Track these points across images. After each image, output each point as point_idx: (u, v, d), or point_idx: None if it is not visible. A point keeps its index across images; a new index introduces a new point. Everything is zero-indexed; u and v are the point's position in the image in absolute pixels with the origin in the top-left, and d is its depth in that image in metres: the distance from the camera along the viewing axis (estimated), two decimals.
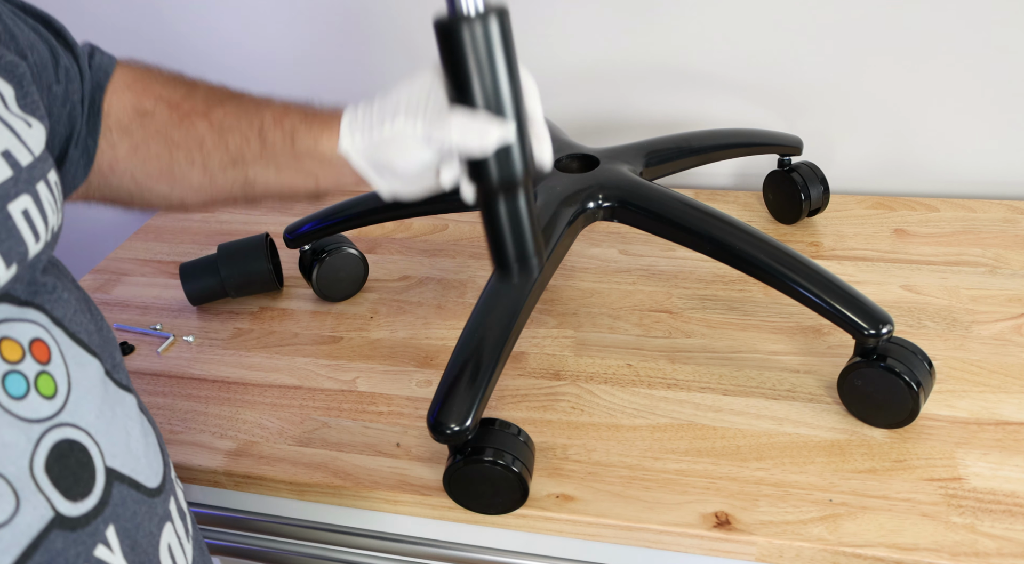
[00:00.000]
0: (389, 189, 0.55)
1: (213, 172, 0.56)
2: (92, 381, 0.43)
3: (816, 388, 0.72)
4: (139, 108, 0.56)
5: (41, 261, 0.40)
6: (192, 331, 0.87)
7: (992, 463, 0.64)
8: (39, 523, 0.36)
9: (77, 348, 0.42)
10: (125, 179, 0.57)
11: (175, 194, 0.58)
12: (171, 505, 0.47)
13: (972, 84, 0.94)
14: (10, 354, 0.37)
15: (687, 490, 0.64)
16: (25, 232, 0.38)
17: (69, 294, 0.44)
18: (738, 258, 0.70)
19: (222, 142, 0.55)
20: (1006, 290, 0.82)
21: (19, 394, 0.37)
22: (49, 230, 0.40)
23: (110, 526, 0.40)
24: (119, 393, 0.45)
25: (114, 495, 0.41)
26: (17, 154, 0.38)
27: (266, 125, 0.55)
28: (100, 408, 0.42)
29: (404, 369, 0.79)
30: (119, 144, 0.56)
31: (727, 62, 0.99)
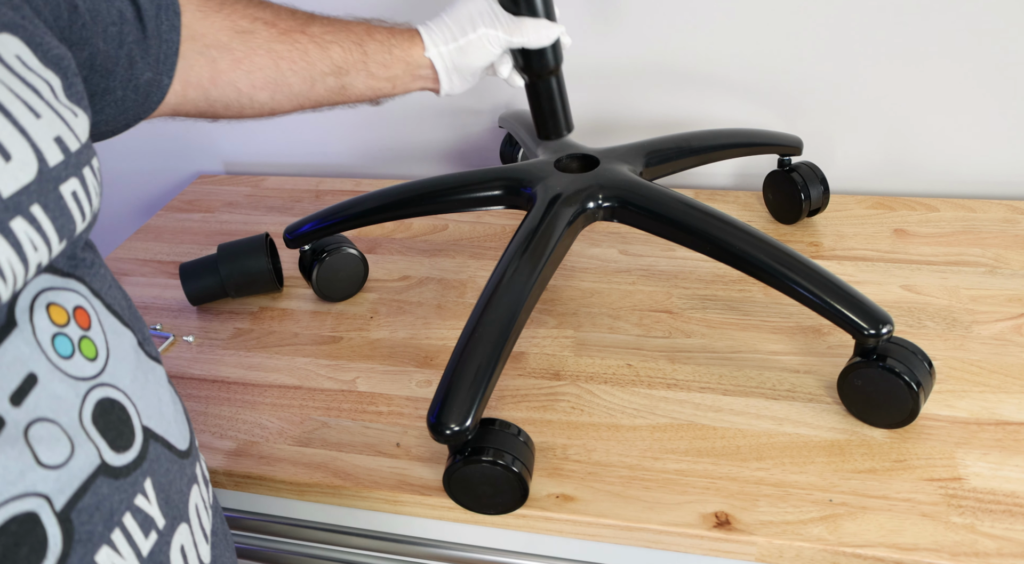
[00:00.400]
0: (448, 88, 0.72)
1: (314, 80, 0.67)
2: (126, 349, 0.46)
3: (816, 388, 0.72)
4: (237, 27, 0.64)
5: (83, 239, 0.44)
6: (192, 331, 0.87)
7: (992, 463, 0.64)
8: (88, 468, 0.39)
9: (113, 319, 0.46)
10: (228, 90, 0.64)
11: (274, 101, 0.67)
12: (197, 470, 0.50)
13: (972, 84, 0.94)
14: (57, 318, 0.41)
15: (687, 490, 0.64)
16: (74, 211, 0.41)
17: (105, 270, 0.47)
18: (738, 258, 0.70)
19: (326, 53, 0.66)
20: (1006, 290, 0.82)
21: (66, 354, 0.41)
22: (92, 211, 0.44)
23: (148, 479, 0.44)
24: (150, 363, 0.48)
25: (151, 451, 0.44)
26: (67, 140, 0.42)
27: (362, 37, 0.68)
28: (134, 373, 0.46)
29: (404, 369, 0.79)
30: (219, 59, 0.63)
31: (727, 62, 0.99)
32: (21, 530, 0.35)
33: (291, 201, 1.12)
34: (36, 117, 0.40)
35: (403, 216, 0.89)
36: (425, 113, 1.12)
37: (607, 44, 1.00)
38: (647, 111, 1.04)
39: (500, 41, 0.69)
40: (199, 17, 0.62)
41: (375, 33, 0.69)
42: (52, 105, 0.42)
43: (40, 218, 0.38)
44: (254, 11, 0.65)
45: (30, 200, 0.38)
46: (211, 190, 1.17)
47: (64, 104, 0.43)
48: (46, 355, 0.39)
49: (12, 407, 0.36)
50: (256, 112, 0.68)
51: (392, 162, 1.17)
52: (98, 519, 0.39)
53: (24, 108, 0.39)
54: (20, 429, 0.36)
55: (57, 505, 0.37)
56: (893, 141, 1.00)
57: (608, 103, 1.05)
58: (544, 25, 0.70)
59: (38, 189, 0.39)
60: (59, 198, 0.40)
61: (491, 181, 0.81)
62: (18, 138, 0.38)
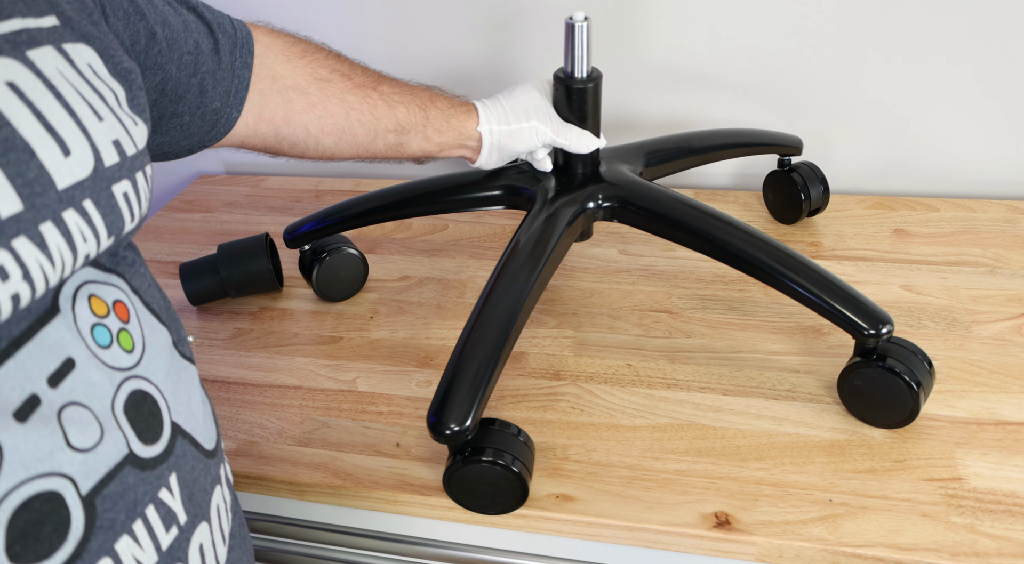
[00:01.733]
0: (485, 162, 0.77)
1: (377, 134, 0.72)
2: (162, 346, 0.47)
3: (816, 388, 0.72)
4: (316, 75, 0.68)
5: (127, 239, 0.46)
6: (192, 331, 0.87)
7: (992, 463, 0.64)
8: (116, 456, 0.40)
9: (150, 316, 0.47)
10: (298, 130, 0.69)
11: (337, 147, 0.71)
12: (221, 471, 0.50)
13: (972, 84, 0.94)
14: (98, 309, 0.42)
15: (687, 490, 0.64)
16: (124, 210, 0.43)
17: (145, 270, 0.49)
18: (738, 258, 0.70)
19: (392, 112, 0.71)
20: (1006, 290, 0.82)
21: (105, 343, 0.42)
22: (140, 213, 0.45)
23: (173, 474, 0.44)
24: (183, 362, 0.49)
25: (177, 447, 0.45)
26: (125, 145, 0.44)
27: (426, 103, 0.73)
28: (168, 370, 0.47)
29: (404, 369, 0.79)
30: (296, 101, 0.67)
31: (727, 62, 0.99)
32: (45, 508, 0.36)
33: (291, 201, 1.12)
34: (99, 120, 0.42)
35: (403, 216, 0.89)
36: None
37: (607, 44, 1.00)
38: (647, 111, 1.04)
39: (546, 137, 0.74)
40: (282, 60, 0.67)
41: (437, 101, 0.73)
42: (115, 111, 0.44)
43: (91, 212, 0.40)
44: (334, 63, 0.70)
45: (83, 195, 0.40)
46: (211, 190, 1.17)
47: (126, 112, 0.46)
48: (85, 342, 0.40)
49: (49, 388, 0.38)
50: (319, 155, 0.72)
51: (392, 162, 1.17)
52: (121, 508, 0.40)
53: (88, 110, 0.42)
54: (55, 410, 0.37)
55: (83, 489, 0.38)
56: (893, 141, 1.00)
57: (608, 103, 1.05)
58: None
59: (92, 186, 0.41)
60: (111, 196, 0.42)
61: (491, 181, 0.81)
62: (79, 136, 0.40)
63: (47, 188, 0.38)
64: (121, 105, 0.46)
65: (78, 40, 0.44)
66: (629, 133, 1.06)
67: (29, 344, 0.37)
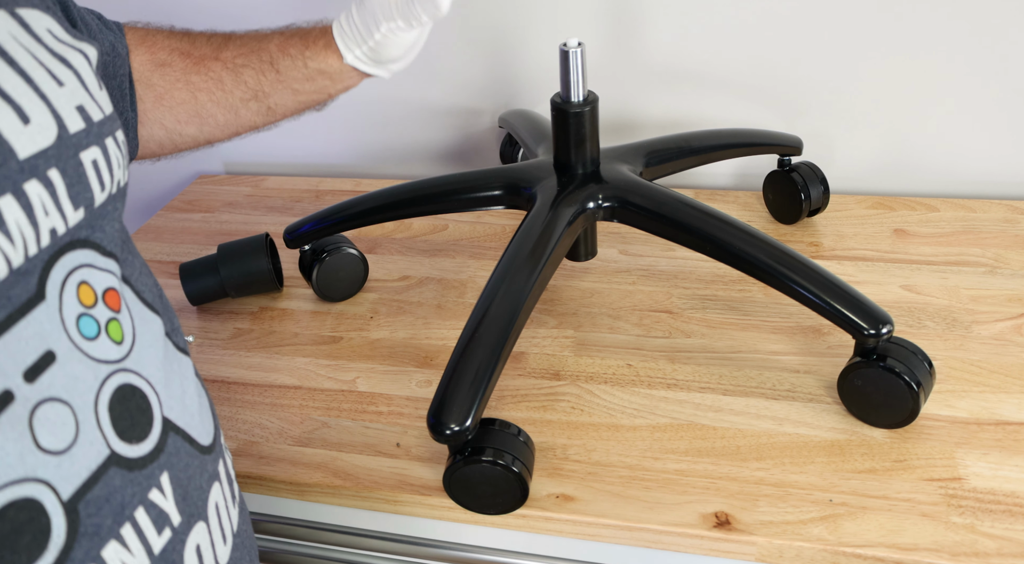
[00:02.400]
0: (390, 73, 0.67)
1: (236, 108, 0.65)
2: (155, 336, 0.45)
3: (816, 388, 0.72)
4: (156, 61, 0.62)
5: (108, 212, 0.43)
6: (192, 331, 0.87)
7: (992, 463, 0.64)
8: (97, 457, 0.38)
9: (142, 305, 0.45)
10: (155, 128, 0.64)
11: (203, 133, 0.66)
12: (220, 467, 0.49)
13: (972, 84, 0.94)
14: (85, 298, 0.40)
15: (687, 490, 0.64)
16: (93, 180, 0.41)
17: (135, 258, 0.47)
18: (738, 258, 0.70)
19: (239, 79, 0.64)
20: (1006, 290, 0.82)
21: (91, 335, 0.40)
22: (115, 182, 0.43)
23: (164, 473, 0.42)
24: (177, 354, 0.48)
25: (169, 444, 0.43)
26: (90, 110, 0.42)
27: (275, 55, 0.65)
28: (160, 362, 0.45)
29: (404, 369, 0.79)
30: (144, 97, 0.62)
31: (727, 62, 0.99)
32: (21, 517, 0.34)
33: (291, 201, 1.12)
34: (59, 85, 0.40)
35: (403, 216, 0.89)
36: (425, 113, 1.12)
37: (607, 44, 1.00)
38: (647, 111, 1.04)
39: (404, 29, 0.63)
40: (130, 47, 0.62)
41: (289, 47, 0.65)
42: (80, 75, 0.42)
43: (56, 182, 0.38)
44: (172, 42, 0.64)
45: (47, 164, 0.38)
46: (211, 190, 1.17)
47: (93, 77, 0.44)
48: (68, 334, 0.38)
49: (25, 383, 0.36)
50: (191, 144, 0.67)
51: (392, 162, 1.17)
52: (107, 512, 0.38)
53: (47, 75, 0.40)
54: (28, 407, 0.36)
55: (64, 494, 0.36)
56: (893, 141, 1.00)
57: (608, 103, 1.05)
58: None
59: (56, 154, 0.39)
60: (78, 164, 0.40)
61: (491, 181, 0.81)
62: (38, 103, 0.38)
63: (7, 158, 0.36)
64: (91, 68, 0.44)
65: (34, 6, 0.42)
66: (629, 133, 1.06)
67: (6, 336, 0.35)
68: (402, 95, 1.11)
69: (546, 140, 0.87)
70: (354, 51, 0.64)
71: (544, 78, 1.05)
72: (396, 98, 1.11)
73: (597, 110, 0.75)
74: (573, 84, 0.74)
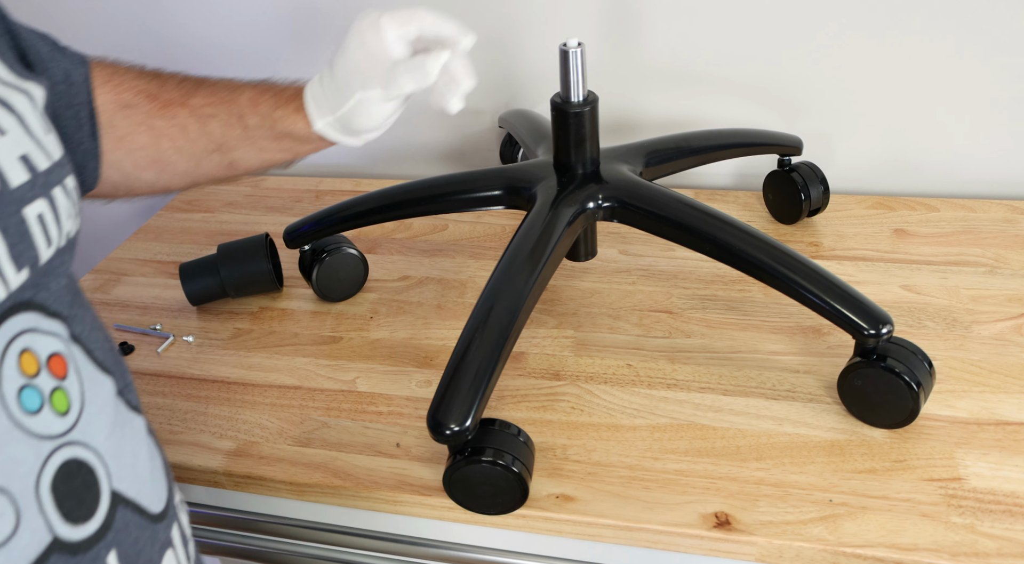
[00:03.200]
0: (363, 142, 0.62)
1: (198, 158, 0.61)
2: (105, 400, 0.42)
3: (816, 388, 0.72)
4: (120, 101, 0.58)
5: (55, 267, 0.40)
6: (192, 331, 0.87)
7: (992, 463, 0.64)
8: (38, 546, 0.36)
9: (92, 366, 0.42)
10: (111, 170, 0.59)
11: (161, 181, 0.61)
12: (174, 532, 0.47)
13: (972, 84, 0.94)
14: (28, 367, 0.37)
15: (687, 490, 0.64)
16: (38, 236, 0.38)
17: (85, 312, 0.44)
18: (738, 258, 0.70)
19: (205, 129, 0.60)
20: (1006, 290, 0.82)
21: (33, 409, 0.37)
22: (63, 235, 0.40)
23: (112, 551, 0.40)
24: (129, 414, 0.45)
25: (117, 519, 0.41)
26: (35, 159, 0.39)
27: (244, 110, 0.60)
28: (111, 428, 0.42)
29: (404, 369, 0.79)
30: (105, 137, 0.58)
31: (727, 62, 0.99)
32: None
33: (291, 201, 1.12)
34: (1, 134, 0.37)
35: (403, 216, 0.89)
36: (425, 113, 1.12)
37: (607, 44, 1.00)
38: (647, 111, 1.04)
39: (381, 97, 0.57)
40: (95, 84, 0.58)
41: (260, 104, 0.60)
42: (24, 120, 0.39)
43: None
44: (140, 83, 0.59)
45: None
46: (211, 190, 1.17)
47: (39, 120, 0.41)
48: (8, 410, 0.36)
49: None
50: (147, 191, 0.62)
51: (392, 162, 1.17)
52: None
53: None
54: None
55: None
56: (893, 141, 1.00)
57: (609, 103, 1.05)
58: (418, 65, 0.55)
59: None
60: (21, 222, 0.37)
61: (491, 181, 0.81)
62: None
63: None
64: (35, 110, 0.41)
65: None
66: (629, 133, 1.06)
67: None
68: None
69: (546, 140, 0.87)
70: (325, 118, 0.59)
71: (544, 78, 1.05)
72: None
73: (597, 110, 0.75)
74: (573, 84, 0.74)
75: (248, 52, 1.12)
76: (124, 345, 0.86)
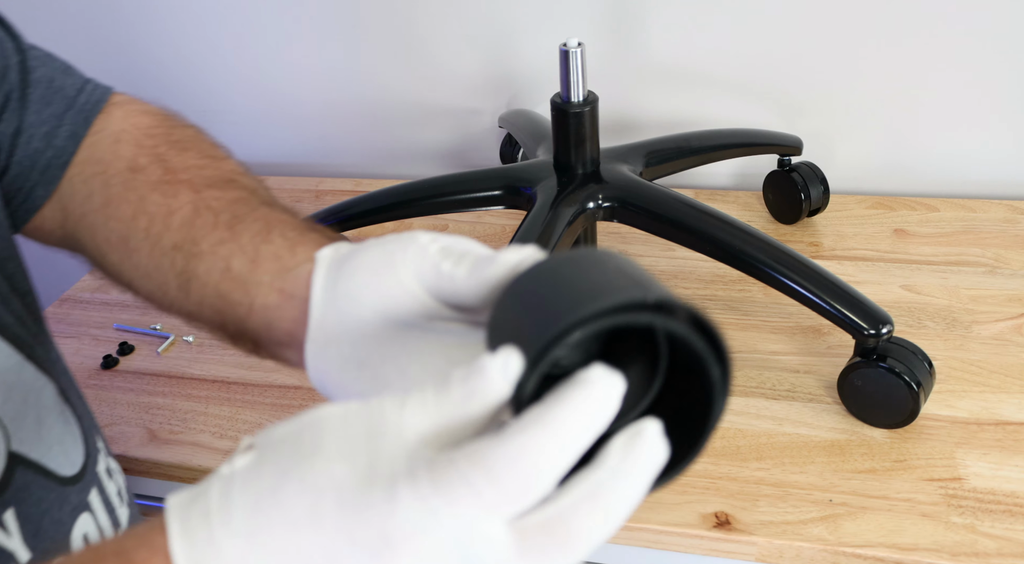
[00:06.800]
0: None
1: (160, 251, 0.45)
2: (3, 366, 0.42)
3: (816, 388, 0.72)
4: (134, 164, 0.47)
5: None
6: (192, 331, 0.87)
7: (992, 463, 0.64)
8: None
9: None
10: (86, 235, 0.49)
11: (123, 268, 0.47)
12: (92, 496, 0.45)
13: (972, 84, 0.94)
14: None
15: (687, 490, 0.64)
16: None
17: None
18: (738, 258, 0.70)
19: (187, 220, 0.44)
20: (1006, 290, 0.82)
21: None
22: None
23: (9, 509, 0.40)
24: (38, 380, 0.44)
25: (17, 479, 0.40)
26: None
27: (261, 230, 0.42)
28: (7, 394, 0.41)
29: None
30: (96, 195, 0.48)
31: (727, 62, 0.99)
32: None
33: (291, 201, 1.11)
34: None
35: (403, 216, 0.89)
36: (425, 113, 1.12)
37: (607, 44, 1.00)
38: (647, 111, 1.04)
39: None
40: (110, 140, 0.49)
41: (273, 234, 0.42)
42: None
43: None
44: (169, 151, 0.48)
45: None
46: None
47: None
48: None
49: None
50: (113, 277, 0.49)
51: (392, 162, 1.17)
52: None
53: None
54: None
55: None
56: (893, 141, 1.00)
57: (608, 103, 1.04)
58: None
59: None
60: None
61: (491, 181, 0.81)
62: None
63: None
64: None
65: None
66: (629, 133, 1.05)
67: None
68: (402, 95, 1.11)
69: (546, 140, 0.87)
70: None
71: (544, 78, 1.05)
72: (396, 98, 1.11)
73: (597, 110, 0.75)
74: (573, 84, 0.74)
75: None
76: (124, 345, 0.86)
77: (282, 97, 1.14)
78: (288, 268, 0.40)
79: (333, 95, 1.12)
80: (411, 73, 1.08)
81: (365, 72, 1.10)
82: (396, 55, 1.07)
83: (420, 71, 1.08)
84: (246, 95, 1.16)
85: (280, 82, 1.12)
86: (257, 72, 1.13)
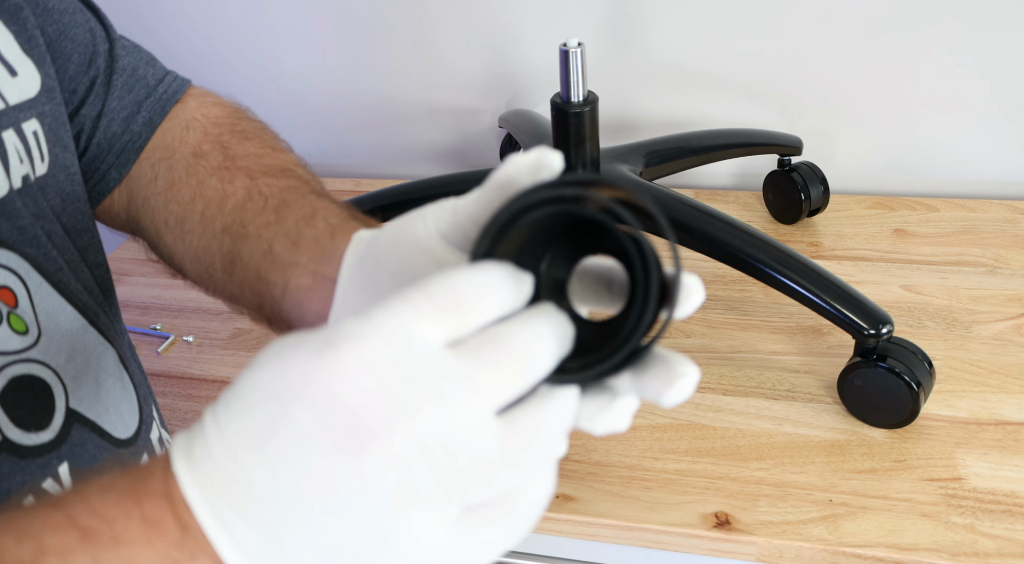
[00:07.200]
0: None
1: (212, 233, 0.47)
2: (67, 328, 0.43)
3: (816, 388, 0.72)
4: (198, 150, 0.50)
5: (16, 203, 0.41)
6: (192, 331, 0.87)
7: (992, 463, 0.64)
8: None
9: (56, 296, 0.43)
10: (146, 217, 0.51)
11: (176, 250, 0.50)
12: (143, 461, 0.46)
13: (972, 84, 0.94)
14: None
15: (687, 490, 0.64)
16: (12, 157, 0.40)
17: (58, 252, 0.44)
18: (738, 258, 0.70)
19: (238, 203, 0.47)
20: (1006, 290, 0.82)
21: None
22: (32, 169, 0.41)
23: (64, 463, 0.41)
24: (100, 344, 0.46)
25: (73, 435, 0.42)
26: (5, 92, 0.40)
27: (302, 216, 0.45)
28: (71, 353, 0.43)
29: None
30: (160, 178, 0.50)
31: (727, 62, 0.99)
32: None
33: None
34: None
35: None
36: (425, 113, 1.12)
37: (607, 44, 1.00)
38: (647, 111, 1.04)
39: None
40: (195, 125, 0.52)
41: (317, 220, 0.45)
42: None
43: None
44: (232, 139, 0.51)
45: None
46: None
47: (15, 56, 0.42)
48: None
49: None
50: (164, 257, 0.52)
51: (392, 162, 1.17)
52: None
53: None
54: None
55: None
56: (893, 141, 1.00)
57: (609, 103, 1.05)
58: None
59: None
60: None
61: None
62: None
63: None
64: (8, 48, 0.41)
65: None
66: (629, 133, 1.05)
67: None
68: (402, 95, 1.11)
69: (546, 140, 0.87)
70: None
71: (544, 78, 1.05)
72: (396, 98, 1.11)
73: (597, 110, 0.75)
74: (573, 84, 0.74)
75: None
76: None
77: (282, 97, 1.14)
78: (326, 251, 0.41)
79: (333, 95, 1.12)
80: (411, 73, 1.08)
81: (365, 72, 1.10)
82: (396, 56, 1.07)
83: (420, 71, 1.08)
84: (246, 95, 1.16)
85: (280, 83, 1.12)
86: (257, 73, 1.13)
